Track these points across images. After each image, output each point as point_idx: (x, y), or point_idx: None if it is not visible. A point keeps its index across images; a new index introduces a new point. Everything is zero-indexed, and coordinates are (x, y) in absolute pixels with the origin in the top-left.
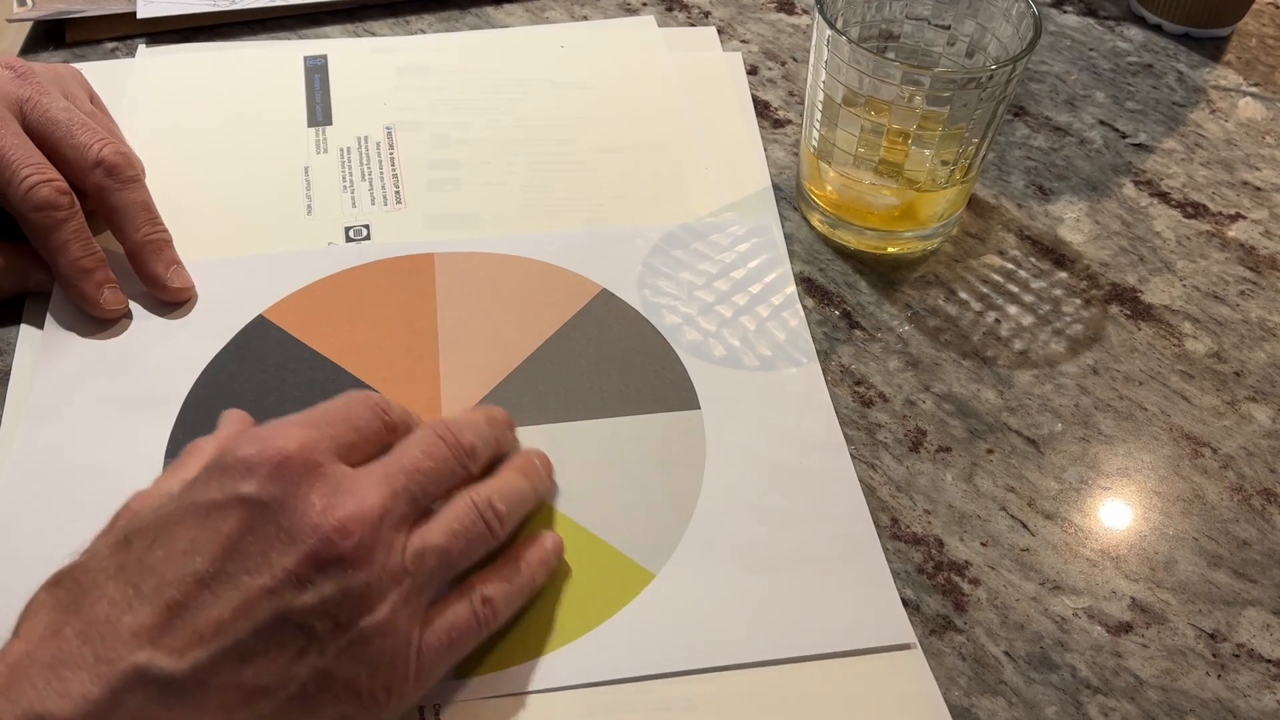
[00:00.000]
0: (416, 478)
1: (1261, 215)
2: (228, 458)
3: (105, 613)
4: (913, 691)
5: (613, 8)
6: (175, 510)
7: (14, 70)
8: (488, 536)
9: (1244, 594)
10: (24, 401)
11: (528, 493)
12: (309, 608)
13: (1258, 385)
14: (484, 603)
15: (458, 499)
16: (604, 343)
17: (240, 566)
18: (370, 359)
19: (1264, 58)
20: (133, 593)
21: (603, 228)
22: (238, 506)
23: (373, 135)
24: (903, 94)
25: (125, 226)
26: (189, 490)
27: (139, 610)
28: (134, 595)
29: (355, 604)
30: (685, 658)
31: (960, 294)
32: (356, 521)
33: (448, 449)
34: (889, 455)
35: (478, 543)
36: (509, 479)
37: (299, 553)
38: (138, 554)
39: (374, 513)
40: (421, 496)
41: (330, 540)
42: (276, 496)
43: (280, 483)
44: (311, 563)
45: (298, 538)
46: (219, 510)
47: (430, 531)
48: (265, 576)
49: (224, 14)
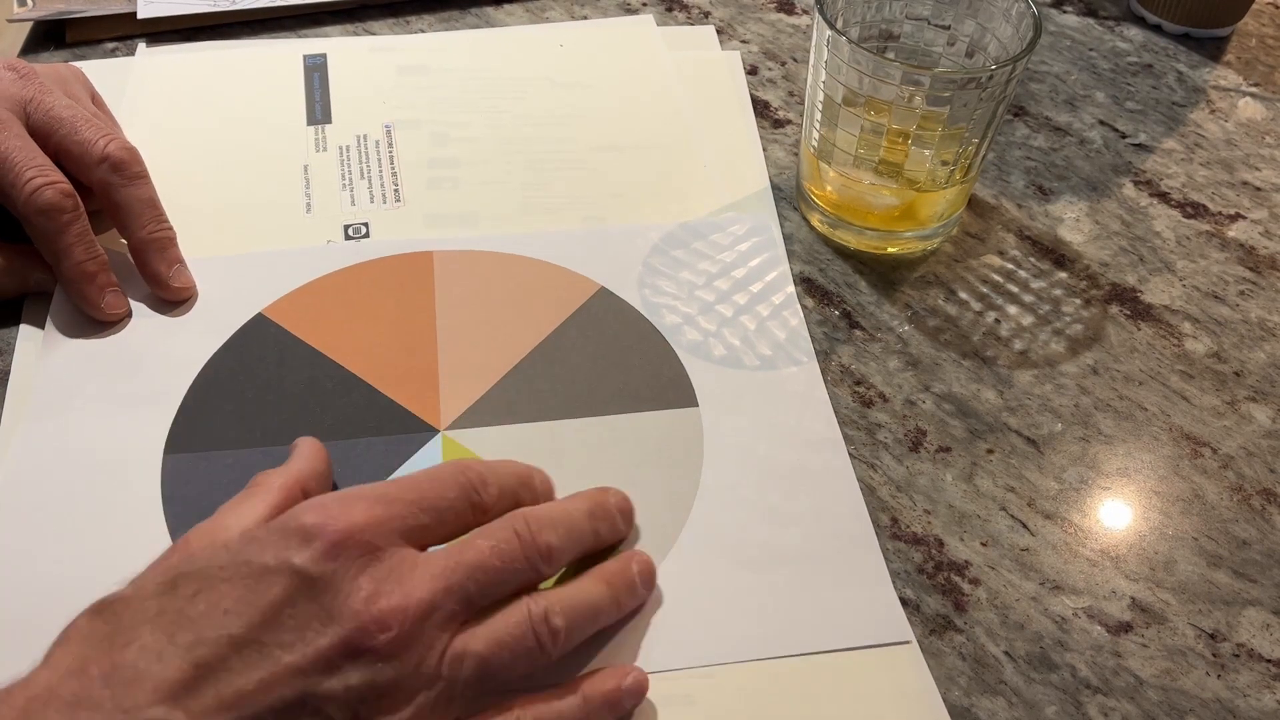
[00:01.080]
0: (477, 575)
1: (1261, 215)
2: (291, 522)
3: (134, 658)
4: (910, 688)
5: (612, 7)
6: (228, 565)
7: (16, 71)
8: (536, 652)
9: (1244, 594)
10: (24, 401)
11: (604, 606)
12: (332, 694)
13: (1258, 385)
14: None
15: (514, 606)
16: (602, 341)
17: (275, 638)
18: (369, 357)
19: (1264, 58)
20: (166, 641)
21: (602, 226)
22: (286, 576)
23: (372, 134)
24: (903, 94)
25: (130, 223)
26: (246, 546)
27: (168, 662)
28: (167, 644)
29: (379, 700)
30: (683, 654)
31: (960, 294)
32: (398, 614)
33: (520, 547)
34: (889, 455)
35: (524, 658)
36: (585, 588)
37: (334, 636)
38: (180, 602)
39: (419, 609)
40: (479, 596)
41: (367, 629)
42: (326, 574)
43: (333, 561)
44: (343, 649)
45: (336, 620)
46: (268, 575)
47: (474, 637)
48: (297, 654)
49: (224, 14)
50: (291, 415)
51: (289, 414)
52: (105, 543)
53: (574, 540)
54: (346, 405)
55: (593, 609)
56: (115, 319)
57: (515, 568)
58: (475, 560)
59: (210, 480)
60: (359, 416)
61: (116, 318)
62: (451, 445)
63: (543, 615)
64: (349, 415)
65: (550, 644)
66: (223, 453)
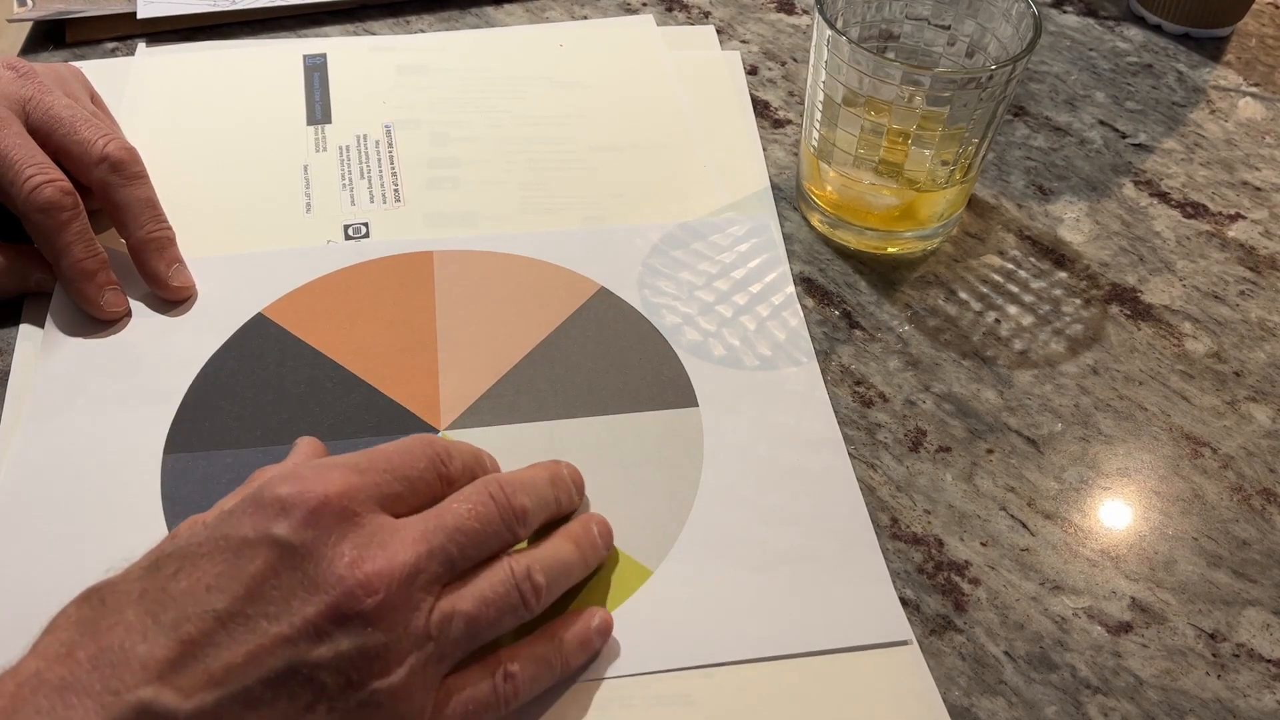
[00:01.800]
0: (457, 538)
1: (1261, 215)
2: (266, 494)
3: (120, 639)
4: (910, 687)
5: (612, 7)
6: (206, 540)
7: (16, 70)
8: (520, 609)
9: (1244, 594)
10: (24, 401)
11: (575, 564)
12: (322, 662)
13: (1258, 385)
14: (506, 679)
15: (496, 565)
16: (602, 340)
17: (260, 610)
18: (369, 356)
19: (1264, 58)
20: (150, 621)
21: (601, 227)
22: (267, 547)
23: (372, 134)
24: (903, 94)
25: (129, 223)
26: (224, 521)
27: (154, 641)
28: (151, 624)
29: (370, 664)
30: (683, 654)
31: (960, 294)
32: (383, 578)
33: (496, 510)
34: (889, 455)
35: (509, 614)
36: (557, 547)
37: (320, 604)
38: (162, 581)
39: (403, 571)
40: (460, 558)
41: (354, 594)
42: (307, 542)
43: (313, 528)
44: (331, 616)
45: (321, 588)
46: (249, 548)
47: (461, 597)
48: (283, 624)
49: (224, 14)
50: (291, 415)
51: (289, 414)
52: (105, 542)
53: (542, 504)
54: (346, 405)
55: (566, 566)
56: (115, 317)
57: (493, 529)
58: (455, 523)
59: (210, 480)
60: (359, 416)
61: (116, 316)
62: None
63: (525, 572)
64: (349, 415)
65: (533, 599)
66: (223, 452)
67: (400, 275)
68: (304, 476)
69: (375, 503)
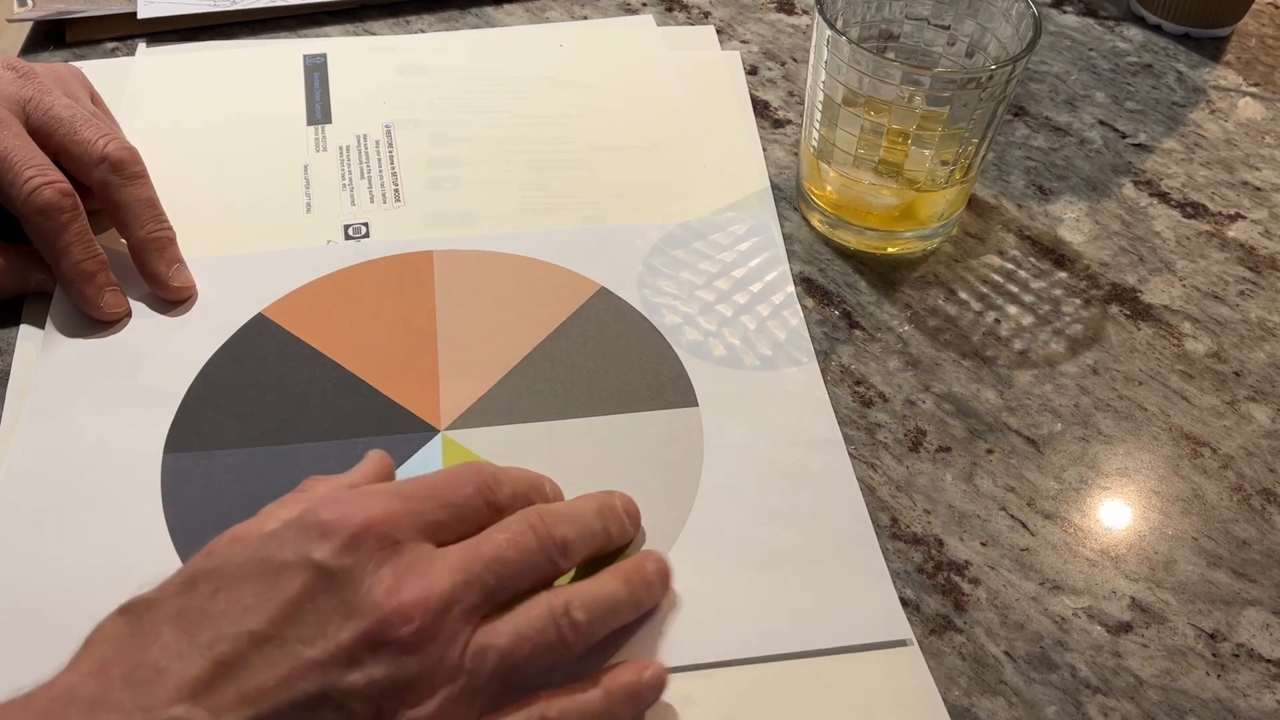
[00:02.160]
0: (495, 568)
1: (1261, 215)
2: (309, 518)
3: (155, 657)
4: (910, 688)
5: (612, 7)
6: (247, 562)
7: (16, 71)
8: (559, 647)
9: (1244, 594)
10: (24, 401)
11: (624, 602)
12: (353, 688)
13: (1257, 385)
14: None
15: (535, 600)
16: (602, 340)
17: (296, 633)
18: (369, 357)
19: (1264, 58)
20: (186, 640)
21: (601, 226)
22: (306, 571)
23: (372, 133)
24: (903, 94)
25: (130, 223)
26: (264, 543)
27: (188, 660)
28: (187, 643)
29: (403, 693)
30: (683, 654)
31: (960, 294)
32: (419, 606)
33: (535, 540)
34: (889, 455)
35: (546, 651)
36: (604, 584)
37: (355, 630)
38: (200, 600)
39: (440, 600)
40: (498, 589)
41: (389, 621)
42: (346, 567)
43: (352, 554)
44: (365, 642)
45: (357, 614)
46: (288, 571)
47: (496, 631)
48: (317, 648)
49: (224, 14)
50: (291, 415)
51: (289, 414)
52: (105, 542)
53: (587, 536)
54: (346, 405)
55: (612, 604)
56: (115, 318)
57: (532, 560)
58: (493, 553)
59: (210, 480)
60: (359, 416)
61: (116, 317)
62: (451, 445)
63: (564, 608)
64: (349, 415)
65: (572, 637)
66: (223, 452)
67: (400, 275)
68: (346, 502)
69: (418, 530)
